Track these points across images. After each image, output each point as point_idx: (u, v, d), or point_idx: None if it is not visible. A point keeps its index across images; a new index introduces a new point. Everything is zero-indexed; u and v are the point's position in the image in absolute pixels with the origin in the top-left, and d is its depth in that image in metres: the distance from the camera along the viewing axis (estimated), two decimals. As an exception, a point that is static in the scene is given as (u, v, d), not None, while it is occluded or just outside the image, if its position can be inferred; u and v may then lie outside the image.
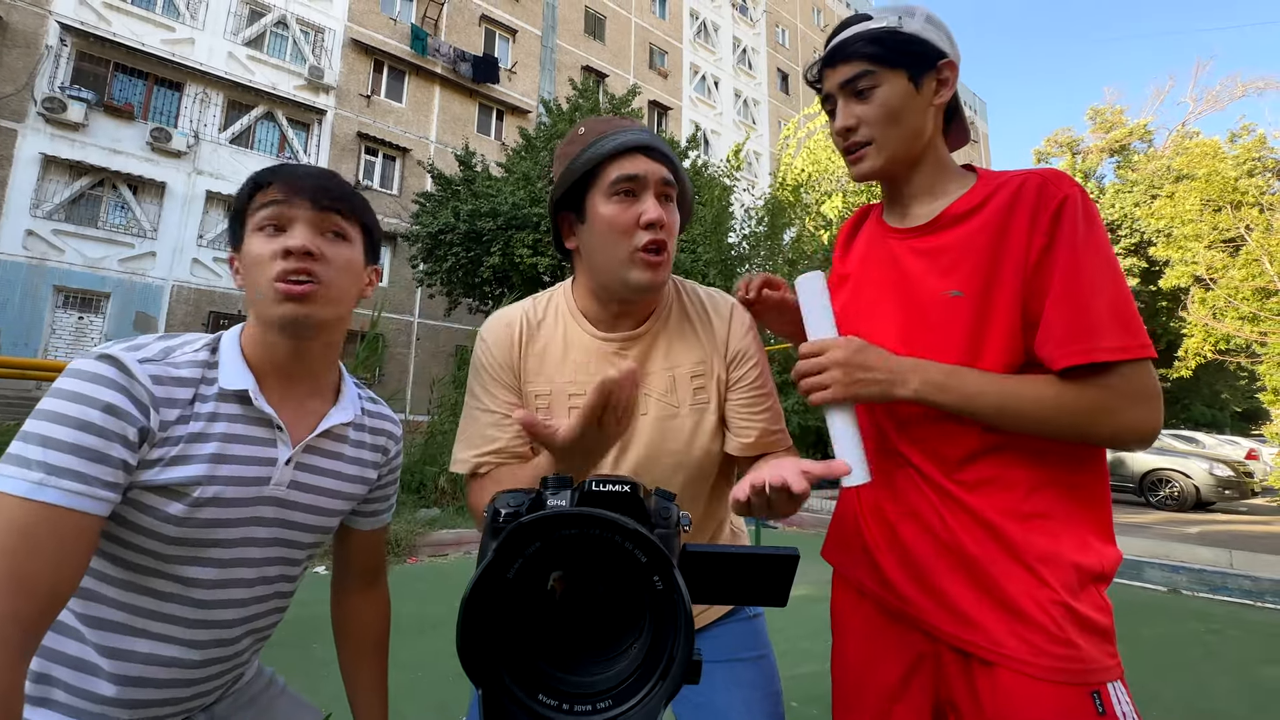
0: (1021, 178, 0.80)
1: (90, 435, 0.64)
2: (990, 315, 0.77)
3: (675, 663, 0.31)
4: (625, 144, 0.83)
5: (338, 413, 0.86)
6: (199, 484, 0.72)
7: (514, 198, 10.83)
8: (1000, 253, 0.77)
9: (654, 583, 0.31)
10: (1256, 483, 10.21)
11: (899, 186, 0.91)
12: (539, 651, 0.34)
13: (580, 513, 0.31)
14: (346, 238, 0.81)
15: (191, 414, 0.73)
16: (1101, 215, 14.01)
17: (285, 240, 0.76)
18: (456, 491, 5.96)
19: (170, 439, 0.71)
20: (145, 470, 0.70)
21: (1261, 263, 11.13)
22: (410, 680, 2.36)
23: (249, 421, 0.78)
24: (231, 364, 0.77)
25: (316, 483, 0.84)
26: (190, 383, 0.74)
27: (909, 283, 0.85)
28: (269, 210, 0.77)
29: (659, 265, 0.85)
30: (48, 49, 12.27)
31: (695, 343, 0.94)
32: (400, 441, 0.99)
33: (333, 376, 0.88)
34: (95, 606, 0.73)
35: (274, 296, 0.75)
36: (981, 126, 38.97)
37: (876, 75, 0.85)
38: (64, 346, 12.11)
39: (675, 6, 23.62)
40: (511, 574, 0.31)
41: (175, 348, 0.76)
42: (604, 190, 0.84)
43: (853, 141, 0.88)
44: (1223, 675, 2.69)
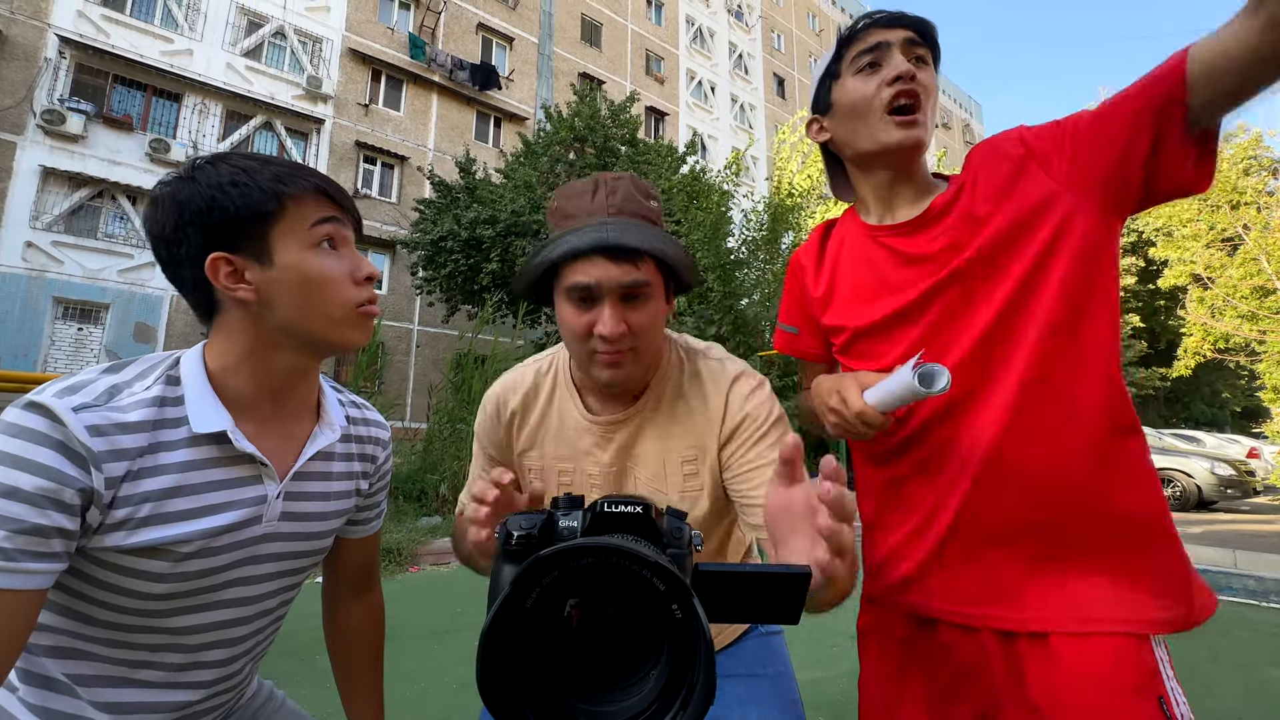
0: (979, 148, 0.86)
1: (17, 504, 0.56)
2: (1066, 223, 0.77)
3: (696, 692, 0.31)
4: (578, 248, 0.76)
5: (322, 434, 0.80)
6: (184, 541, 0.66)
7: (513, 204, 10.85)
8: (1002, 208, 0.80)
9: (673, 611, 0.31)
10: (1258, 481, 10.20)
11: (902, 178, 0.89)
12: (558, 681, 0.34)
13: (599, 544, 0.31)
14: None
15: (153, 466, 0.65)
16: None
17: (359, 265, 0.75)
18: (457, 499, 5.94)
19: (130, 497, 0.63)
20: (110, 534, 0.62)
21: (1259, 261, 11.15)
22: (414, 691, 2.35)
23: (229, 463, 0.70)
24: (201, 402, 0.69)
25: (308, 508, 0.79)
26: (142, 428, 0.64)
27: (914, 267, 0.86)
28: (329, 225, 0.73)
29: (619, 365, 0.81)
30: (46, 61, 12.31)
31: (688, 424, 0.88)
32: (389, 445, 0.95)
33: (313, 393, 0.83)
34: (84, 665, 0.69)
35: (356, 322, 0.74)
36: (977, 129, 39.10)
37: (928, 56, 0.87)
38: (63, 358, 12.09)
39: (671, 13, 23.73)
40: (529, 604, 0.31)
41: (122, 387, 0.66)
42: (562, 290, 0.80)
43: (915, 97, 0.84)
44: (1229, 676, 2.68)
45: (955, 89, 38.28)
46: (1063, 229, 0.77)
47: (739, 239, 9.43)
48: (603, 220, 0.78)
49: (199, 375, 0.70)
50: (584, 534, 0.42)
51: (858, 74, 0.87)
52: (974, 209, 0.81)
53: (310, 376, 0.80)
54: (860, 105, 0.86)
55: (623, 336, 0.78)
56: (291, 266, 0.70)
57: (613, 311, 0.78)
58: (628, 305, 0.79)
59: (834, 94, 0.91)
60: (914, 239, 0.86)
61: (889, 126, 0.84)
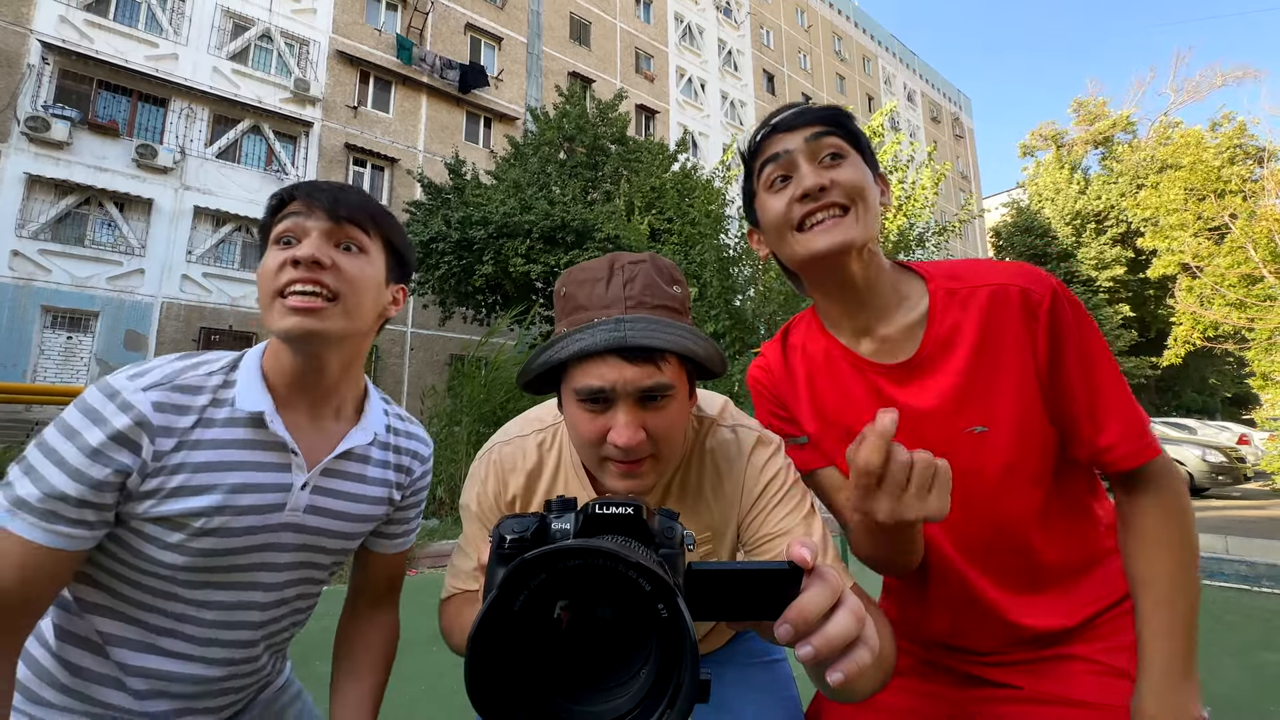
0: (990, 288, 0.76)
1: (64, 475, 0.64)
2: (1024, 439, 0.76)
3: (682, 691, 0.31)
4: (590, 349, 0.67)
5: (357, 433, 0.82)
6: (202, 515, 0.70)
7: (504, 206, 10.82)
8: (1010, 375, 0.75)
9: (659, 611, 0.31)
10: (1249, 467, 10.31)
11: (856, 291, 0.80)
12: (548, 683, 0.34)
13: (585, 546, 0.31)
14: (364, 250, 0.78)
15: (192, 440, 0.70)
16: (1088, 206, 14.25)
17: (294, 250, 0.73)
18: (454, 502, 5.93)
19: (167, 468, 0.69)
20: (143, 501, 0.68)
21: (1246, 249, 11.26)
22: (415, 693, 2.35)
23: (262, 447, 0.74)
24: (248, 385, 0.75)
25: (335, 506, 0.81)
26: (193, 409, 0.71)
27: (918, 424, 0.78)
28: (286, 223, 0.75)
29: (636, 475, 0.71)
30: (29, 68, 12.17)
31: (704, 507, 0.83)
32: (428, 462, 0.95)
33: (355, 393, 0.85)
34: (116, 624, 0.73)
35: (279, 309, 0.72)
36: (967, 122, 39.27)
37: (844, 146, 0.77)
38: (53, 367, 11.97)
39: (660, 10, 23.69)
40: (517, 606, 0.32)
41: (186, 369, 0.74)
42: (571, 390, 0.71)
43: (828, 202, 0.75)
44: (1222, 660, 2.71)
45: (944, 82, 38.43)
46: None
47: (735, 235, 9.44)
48: (619, 317, 0.68)
49: (254, 363, 0.77)
50: (576, 536, 0.42)
51: (769, 190, 0.80)
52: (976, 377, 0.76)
53: (333, 375, 0.80)
54: (777, 225, 0.79)
55: (641, 445, 0.68)
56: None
57: (629, 418, 0.68)
58: (646, 409, 0.69)
59: (757, 211, 0.84)
60: (905, 388, 0.80)
61: (806, 239, 0.77)
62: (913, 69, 36.10)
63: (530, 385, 0.77)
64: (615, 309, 0.70)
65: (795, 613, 0.40)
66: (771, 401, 0.93)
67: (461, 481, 5.81)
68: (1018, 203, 26.79)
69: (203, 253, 13.64)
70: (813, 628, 0.40)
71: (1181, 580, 0.71)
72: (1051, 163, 25.50)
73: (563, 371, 0.73)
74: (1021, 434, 0.76)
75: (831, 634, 0.40)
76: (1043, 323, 0.73)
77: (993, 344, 0.75)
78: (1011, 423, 0.75)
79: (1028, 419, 0.75)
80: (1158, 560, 0.72)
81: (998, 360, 0.75)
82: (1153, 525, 0.73)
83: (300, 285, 0.72)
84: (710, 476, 0.83)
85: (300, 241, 0.74)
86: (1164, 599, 0.70)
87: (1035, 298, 0.74)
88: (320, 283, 0.73)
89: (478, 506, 0.85)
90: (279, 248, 0.75)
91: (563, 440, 0.87)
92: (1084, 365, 0.74)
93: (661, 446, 0.71)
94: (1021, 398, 0.75)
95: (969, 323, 0.76)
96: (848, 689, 0.50)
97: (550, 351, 0.70)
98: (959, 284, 0.78)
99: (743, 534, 0.83)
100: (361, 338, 0.81)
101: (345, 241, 0.77)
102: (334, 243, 0.76)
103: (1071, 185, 23.63)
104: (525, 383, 0.77)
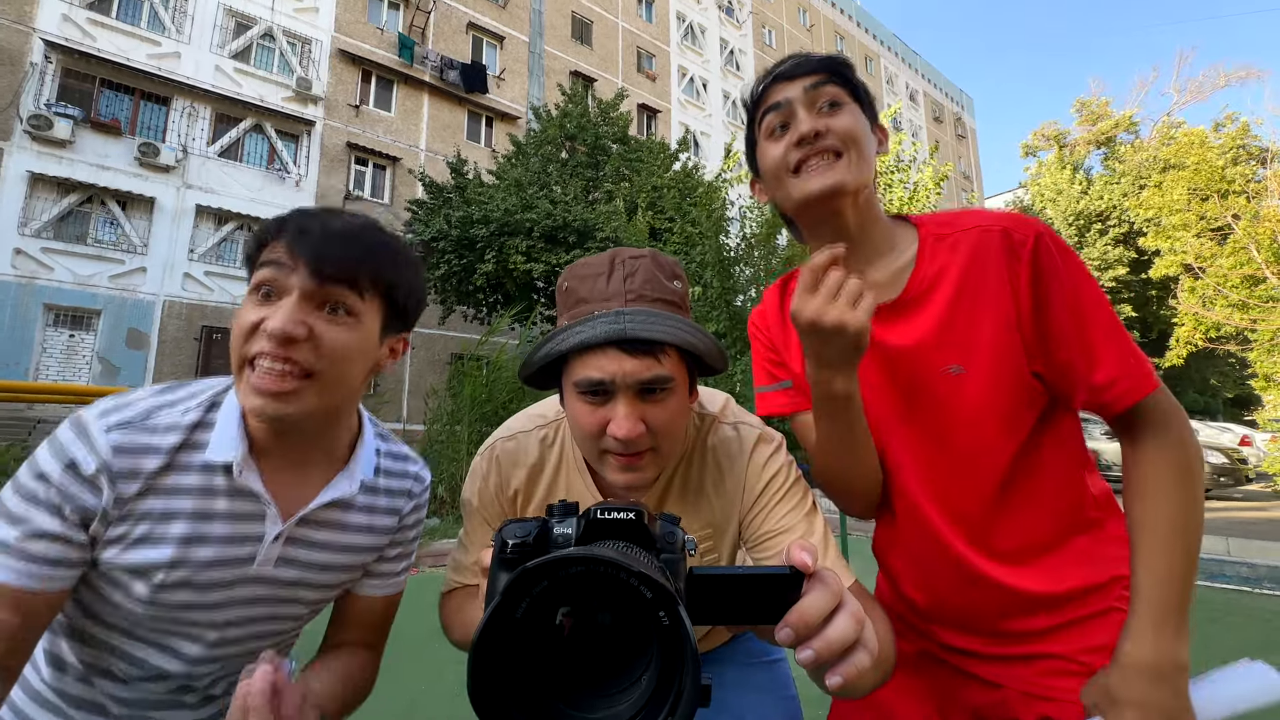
0: (977, 231, 0.77)
1: (39, 512, 0.61)
2: (998, 382, 0.75)
3: (684, 697, 0.31)
4: (590, 341, 0.67)
5: (341, 483, 0.75)
6: (165, 568, 0.66)
7: (505, 204, 10.83)
8: (988, 316, 0.75)
9: (660, 618, 0.31)
10: (1250, 469, 10.29)
11: (849, 234, 0.81)
12: (550, 689, 0.35)
13: (587, 554, 0.31)
14: (353, 313, 0.68)
15: (160, 487, 0.65)
16: (1090, 206, 14.20)
17: (268, 316, 0.63)
18: (455, 501, 5.94)
19: (132, 515, 0.64)
20: (107, 548, 0.64)
21: (1249, 250, 11.22)
22: (414, 693, 2.35)
23: (234, 496, 0.69)
24: (223, 432, 0.68)
25: (310, 557, 0.75)
26: (162, 451, 0.66)
27: (898, 362, 0.81)
28: (264, 272, 0.65)
29: (636, 469, 0.72)
30: (32, 66, 12.19)
31: (705, 504, 0.83)
32: (418, 498, 0.87)
33: (347, 436, 0.78)
34: (98, 655, 0.72)
35: (245, 384, 0.64)
36: (969, 122, 39.21)
37: (843, 94, 0.80)
38: (55, 365, 12.01)
39: (662, 9, 23.68)
40: (519, 614, 0.32)
41: (162, 407, 0.68)
42: (571, 383, 0.71)
43: (823, 147, 0.78)
44: (1223, 662, 2.71)
45: (946, 82, 38.36)
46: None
47: (737, 235, 9.44)
48: (619, 310, 0.69)
49: (235, 405, 0.70)
50: (578, 541, 0.42)
51: (769, 138, 0.82)
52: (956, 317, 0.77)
53: (315, 432, 0.73)
54: (775, 170, 0.82)
55: (640, 438, 0.69)
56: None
57: (629, 410, 0.68)
58: (646, 401, 0.69)
59: (757, 159, 0.87)
60: (889, 328, 0.81)
61: (801, 181, 0.79)
62: (915, 69, 36.05)
63: (532, 379, 0.77)
64: (616, 302, 0.70)
65: (796, 617, 0.41)
66: (765, 346, 0.96)
67: (463, 481, 5.84)
68: (1020, 202, 26.76)
69: (205, 251, 13.66)
70: (813, 631, 0.41)
71: (1182, 526, 0.69)
72: (1054, 163, 25.46)
73: (564, 365, 0.73)
74: (996, 376, 0.75)
75: (831, 638, 0.41)
76: (1025, 262, 0.73)
77: (974, 284, 0.76)
78: (987, 364, 0.76)
79: (1003, 362, 0.75)
80: (1158, 505, 0.70)
81: (978, 301, 0.76)
82: (1154, 469, 0.71)
83: (268, 362, 0.63)
84: (712, 474, 0.83)
85: (279, 298, 0.65)
86: (1162, 546, 0.69)
87: (1018, 238, 0.74)
88: (292, 360, 0.63)
89: (479, 501, 0.86)
90: (255, 298, 0.65)
91: (565, 436, 0.86)
92: (1073, 303, 0.73)
93: (661, 440, 0.71)
94: (998, 340, 0.75)
95: (954, 265, 0.77)
96: (846, 690, 0.51)
97: (551, 344, 0.70)
98: (948, 229, 0.80)
99: (744, 531, 0.83)
100: (343, 404, 0.74)
101: (332, 303, 0.66)
102: (317, 304, 0.66)
103: (1074, 185, 23.58)
104: (527, 376, 0.77)
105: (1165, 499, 0.70)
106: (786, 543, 0.75)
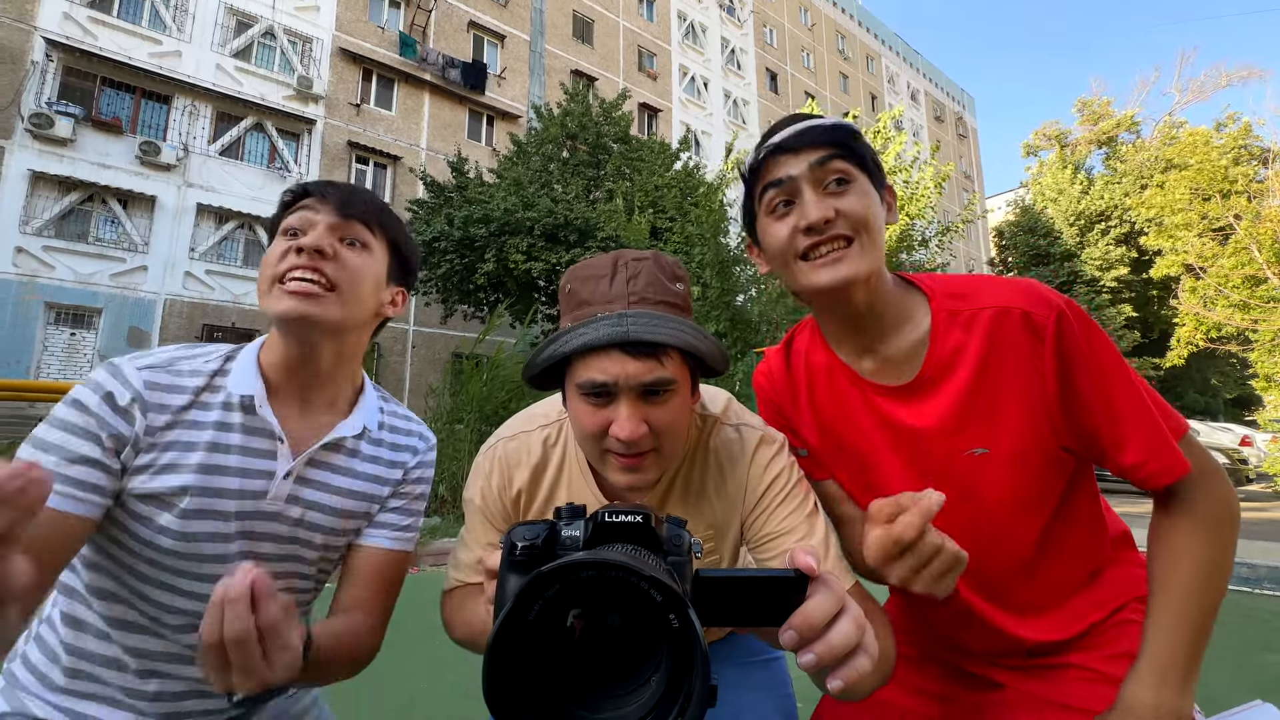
0: (994, 310, 0.74)
1: (69, 435, 0.68)
2: (1025, 464, 0.74)
3: (694, 699, 0.32)
4: (593, 344, 0.67)
5: (345, 424, 0.83)
6: (186, 493, 0.72)
7: (506, 203, 10.83)
8: (1013, 399, 0.73)
9: (670, 621, 0.32)
10: (1251, 469, 10.31)
11: (860, 316, 0.78)
12: (562, 690, 0.35)
13: (599, 558, 0.32)
14: (367, 247, 0.81)
15: (184, 420, 0.73)
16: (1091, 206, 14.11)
17: (299, 240, 0.76)
18: (456, 500, 5.95)
19: (158, 444, 0.72)
20: (135, 476, 0.71)
21: (1251, 250, 11.22)
22: (417, 690, 2.36)
23: (251, 432, 0.76)
24: (242, 371, 0.78)
25: (317, 498, 0.80)
26: (187, 390, 0.75)
27: (918, 443, 0.78)
28: (295, 215, 0.78)
29: (638, 469, 0.72)
30: (33, 64, 12.19)
31: (708, 506, 0.84)
32: (425, 455, 0.92)
33: (350, 388, 0.87)
34: (118, 608, 0.75)
35: (277, 293, 0.75)
36: (970, 121, 39.17)
37: (851, 169, 0.74)
38: (56, 364, 12.02)
39: (663, 8, 23.66)
40: (532, 616, 0.33)
41: (185, 356, 0.78)
42: (574, 384, 0.72)
43: (832, 235, 0.73)
44: (1222, 663, 2.71)
45: (947, 81, 38.32)
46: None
47: (737, 235, 9.44)
48: (622, 312, 0.69)
49: (251, 352, 0.80)
50: (585, 544, 0.43)
51: (771, 214, 0.77)
52: (977, 399, 0.75)
53: (326, 365, 0.81)
54: (780, 253, 0.77)
55: (642, 439, 0.69)
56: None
57: (631, 411, 0.69)
58: (648, 403, 0.70)
59: (757, 232, 0.82)
60: (906, 408, 0.79)
61: (810, 271, 0.75)
62: (916, 68, 36.01)
63: (535, 380, 0.78)
64: (618, 304, 0.70)
65: (800, 620, 0.42)
66: (774, 411, 0.93)
67: (463, 480, 5.82)
68: (1021, 202, 26.74)
69: (205, 250, 13.67)
70: (816, 635, 0.42)
71: (1200, 587, 0.68)
72: (1055, 162, 25.45)
73: (566, 366, 0.73)
74: (1024, 457, 0.74)
75: (834, 641, 0.42)
76: (1049, 345, 0.71)
77: (995, 367, 0.74)
78: (1013, 446, 0.74)
79: (1032, 443, 0.74)
80: (1179, 568, 0.69)
81: (1000, 383, 0.73)
82: (1182, 540, 0.70)
83: (300, 272, 0.74)
84: (714, 475, 0.83)
85: (307, 234, 0.77)
86: (1176, 606, 0.68)
87: (1039, 320, 0.71)
88: (320, 271, 0.75)
89: (482, 500, 0.86)
90: (285, 238, 0.78)
91: (567, 436, 0.87)
92: (1098, 384, 0.71)
93: (663, 441, 0.72)
94: (1025, 421, 0.73)
95: (972, 345, 0.75)
96: (847, 692, 0.51)
97: (554, 346, 0.71)
98: (962, 305, 0.76)
99: (746, 532, 0.84)
100: (357, 332, 0.83)
101: (350, 237, 0.79)
102: (339, 237, 0.78)
103: (1075, 185, 23.57)
104: (530, 377, 0.78)
105: (1187, 561, 0.69)
106: (788, 544, 0.77)
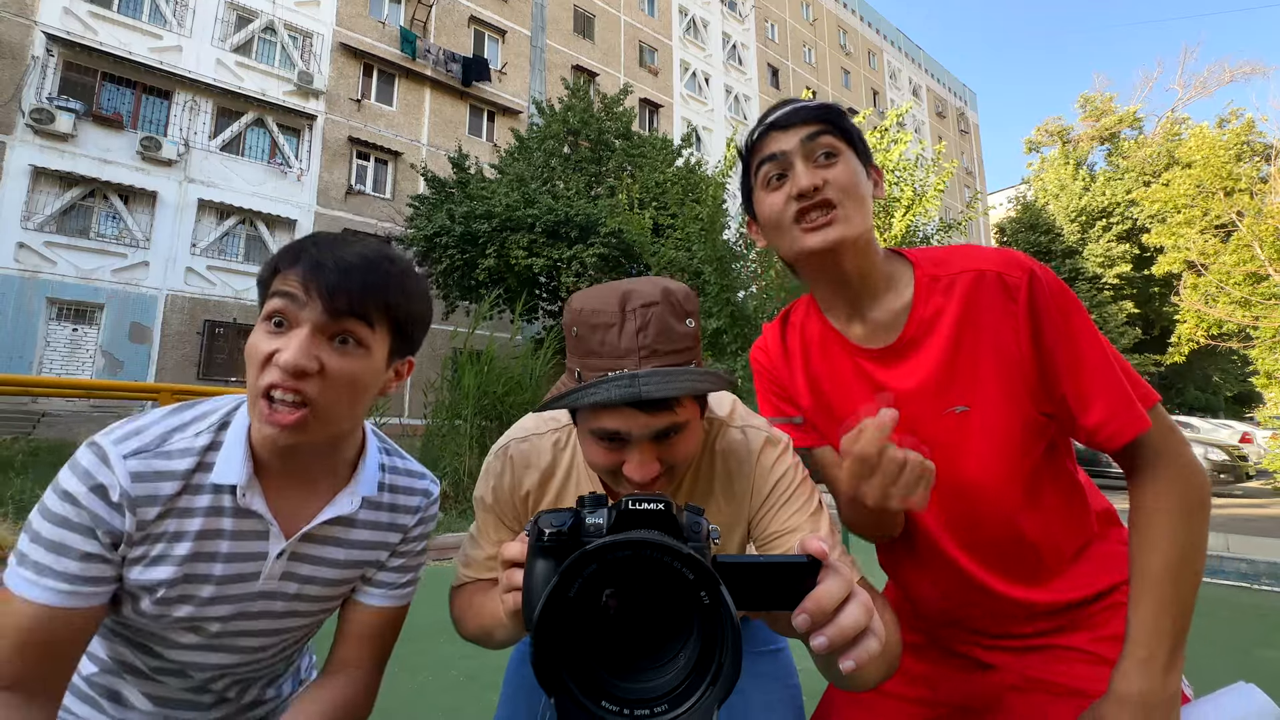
0: (972, 273, 0.79)
1: (68, 531, 0.64)
2: (1004, 418, 0.78)
3: (724, 669, 0.34)
4: (604, 403, 0.67)
5: (342, 500, 0.77)
6: (170, 584, 0.70)
7: (508, 199, 10.85)
8: (990, 356, 0.78)
9: (701, 598, 0.34)
10: (1251, 466, 10.33)
11: (843, 279, 0.84)
12: (599, 662, 0.37)
13: (636, 539, 0.34)
14: (363, 344, 0.69)
15: (176, 508, 0.69)
16: (1093, 203, 14.01)
17: (281, 347, 0.65)
18: (459, 495, 5.98)
19: (151, 536, 0.68)
20: (132, 567, 0.68)
21: (1252, 248, 11.21)
22: (419, 684, 2.38)
23: (239, 515, 0.72)
24: (229, 454, 0.71)
25: (313, 573, 0.78)
26: (177, 475, 0.69)
27: (902, 404, 0.80)
28: (277, 301, 0.67)
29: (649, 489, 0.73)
30: (34, 60, 12.19)
31: (715, 507, 0.86)
32: (424, 512, 0.88)
33: (349, 456, 0.80)
34: (122, 652, 0.77)
35: (259, 412, 0.67)
36: (972, 117, 39.09)
37: (838, 144, 0.81)
38: (59, 359, 12.06)
39: (664, 4, 23.60)
40: (573, 593, 0.35)
41: (174, 431, 0.71)
42: (586, 428, 0.72)
43: (820, 201, 0.79)
44: (1220, 659, 2.74)
45: (949, 77, 38.23)
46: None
47: (736, 232, 9.45)
48: (634, 374, 0.67)
49: (242, 426, 0.73)
50: (610, 530, 0.45)
51: (766, 187, 0.83)
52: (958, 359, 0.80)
53: (320, 453, 0.75)
54: (774, 220, 0.83)
55: (656, 478, 0.71)
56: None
57: (645, 456, 0.70)
58: (661, 444, 0.71)
59: (754, 206, 0.88)
60: (890, 370, 0.84)
61: (801, 235, 0.81)
62: (918, 63, 35.94)
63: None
64: (629, 360, 0.69)
65: (813, 604, 0.44)
66: (770, 380, 0.97)
67: (466, 475, 5.84)
68: (1023, 198, 26.71)
69: (207, 245, 13.70)
70: (828, 618, 0.44)
71: (1174, 565, 0.70)
72: (1057, 159, 25.40)
73: (575, 408, 0.74)
74: (1002, 413, 0.78)
75: (844, 624, 0.44)
76: (1022, 305, 0.76)
77: (973, 327, 0.78)
78: (991, 402, 0.78)
79: (1009, 399, 0.78)
80: (1152, 545, 0.71)
81: (978, 343, 0.78)
82: (1150, 507, 0.73)
83: (279, 392, 0.65)
84: (721, 477, 0.85)
85: (291, 328, 0.66)
86: (1151, 588, 0.70)
87: (1013, 281, 0.76)
88: (301, 392, 0.65)
89: (493, 499, 0.88)
90: (268, 327, 0.67)
91: (576, 441, 0.88)
92: (1067, 344, 0.75)
93: (676, 469, 0.74)
94: (1003, 379, 0.78)
95: (951, 307, 0.80)
96: (857, 677, 0.53)
97: (565, 400, 0.70)
98: (942, 270, 0.82)
99: (752, 531, 0.86)
100: (349, 429, 0.77)
101: (343, 334, 0.68)
102: (328, 335, 0.67)
103: (1077, 181, 23.54)
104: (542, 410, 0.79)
105: (1160, 538, 0.71)
106: (793, 541, 0.79)
